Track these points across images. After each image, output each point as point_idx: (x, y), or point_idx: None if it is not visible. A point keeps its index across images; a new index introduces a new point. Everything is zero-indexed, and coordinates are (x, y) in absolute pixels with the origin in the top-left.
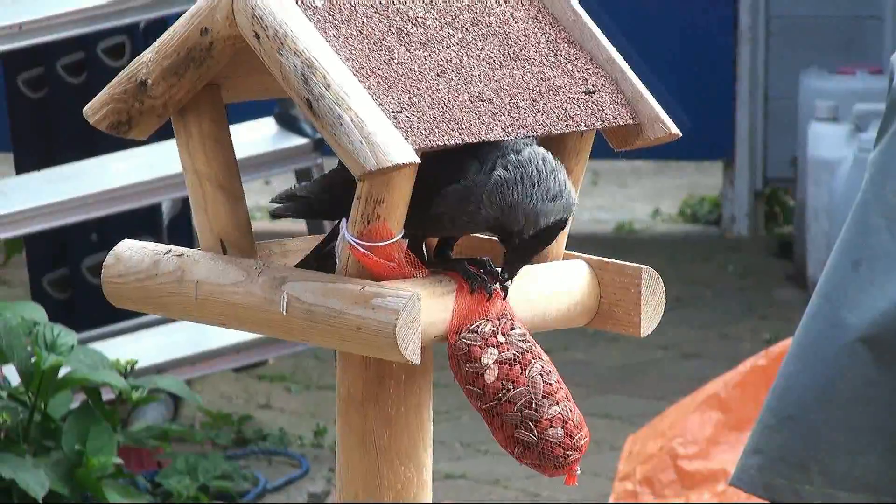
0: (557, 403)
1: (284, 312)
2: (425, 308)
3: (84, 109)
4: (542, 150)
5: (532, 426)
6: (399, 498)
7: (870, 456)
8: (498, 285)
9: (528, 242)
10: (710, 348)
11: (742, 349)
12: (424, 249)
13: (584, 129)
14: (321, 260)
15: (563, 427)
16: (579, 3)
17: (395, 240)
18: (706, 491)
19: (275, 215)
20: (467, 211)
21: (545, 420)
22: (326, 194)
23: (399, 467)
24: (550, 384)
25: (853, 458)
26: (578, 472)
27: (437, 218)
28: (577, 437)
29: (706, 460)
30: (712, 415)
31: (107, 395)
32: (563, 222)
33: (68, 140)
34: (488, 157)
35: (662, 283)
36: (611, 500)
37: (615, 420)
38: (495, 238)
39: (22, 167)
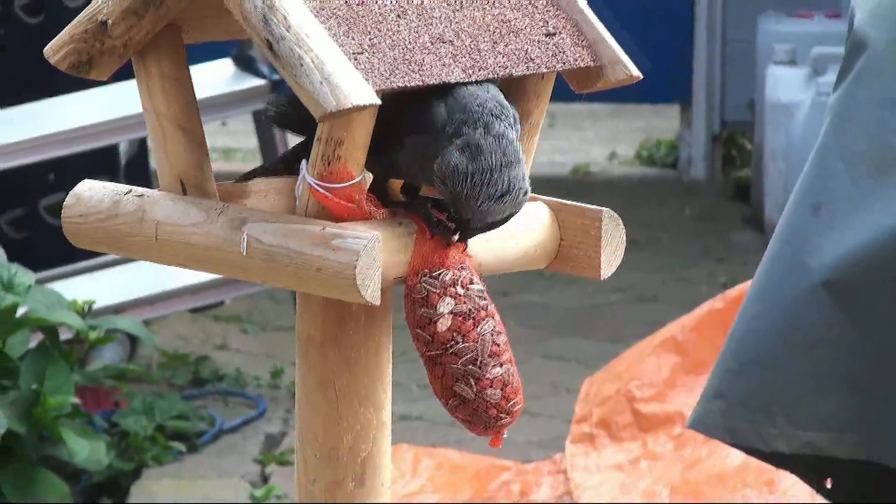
0: (501, 365)
1: (244, 253)
2: (386, 249)
3: (44, 49)
4: (511, 135)
5: (472, 382)
6: (358, 439)
7: (832, 397)
8: (458, 234)
9: (474, 229)
10: (666, 291)
11: (699, 292)
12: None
13: (545, 70)
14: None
15: (501, 389)
16: None
17: (355, 181)
18: (662, 434)
19: (269, 118)
20: (424, 168)
21: (486, 379)
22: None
23: (358, 408)
24: (498, 345)
25: (816, 399)
26: (505, 436)
27: (400, 165)
28: (512, 402)
29: (663, 403)
30: (669, 358)
31: (64, 335)
32: (511, 215)
33: (26, 80)
34: (455, 115)
35: (623, 226)
36: (567, 443)
37: (571, 363)
38: None
39: None
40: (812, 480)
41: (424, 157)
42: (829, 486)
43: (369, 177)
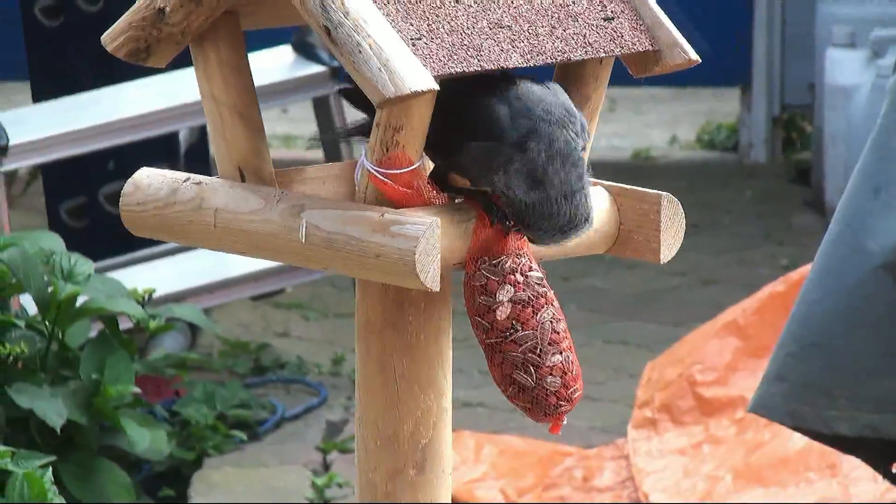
0: (561, 353)
1: (304, 240)
2: (445, 235)
3: (102, 37)
4: (577, 155)
5: (532, 370)
6: (419, 425)
7: (894, 379)
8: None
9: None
10: (728, 274)
11: (760, 275)
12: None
13: (604, 55)
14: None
15: (561, 377)
16: None
17: (414, 167)
18: (725, 418)
19: (343, 91)
20: (488, 175)
21: (546, 367)
22: None
23: (419, 395)
24: (558, 332)
25: (877, 381)
26: (565, 422)
27: (463, 166)
28: (572, 389)
29: (725, 387)
30: (731, 341)
31: (124, 324)
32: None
33: (85, 68)
34: (520, 121)
35: (682, 209)
36: (630, 427)
37: (633, 347)
38: None
39: (39, 96)
40: (878, 465)
41: (488, 163)
42: (895, 470)
43: (428, 163)
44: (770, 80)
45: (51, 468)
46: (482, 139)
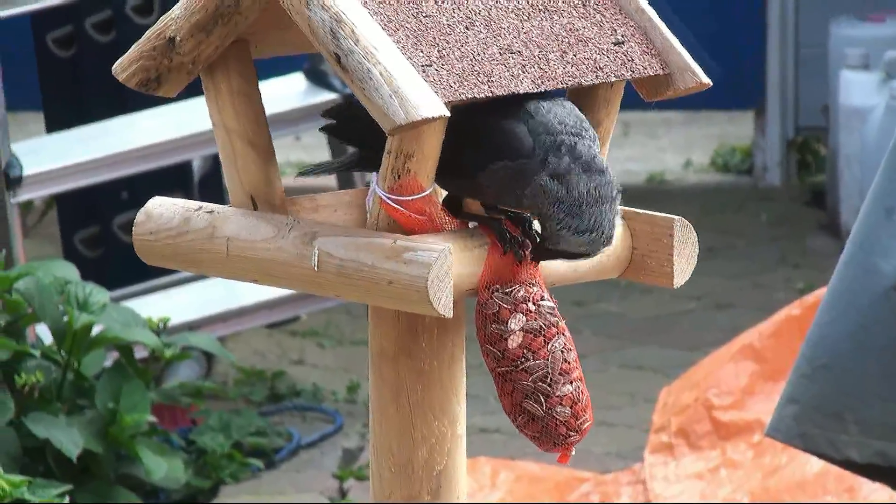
0: (571, 383)
1: (316, 268)
2: (457, 262)
3: (113, 67)
4: (602, 161)
5: (542, 400)
6: (434, 452)
7: None
8: (530, 251)
9: (551, 252)
10: (743, 298)
11: (776, 299)
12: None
13: (615, 79)
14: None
15: (571, 407)
16: None
17: (425, 193)
18: (742, 442)
19: (326, 129)
20: (515, 193)
21: (556, 397)
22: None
23: (433, 421)
24: (568, 362)
25: (887, 405)
26: (573, 452)
27: (482, 189)
28: (581, 419)
29: (741, 411)
30: (747, 365)
31: (139, 353)
32: (587, 256)
33: (98, 98)
34: (540, 137)
35: (695, 234)
36: (646, 452)
37: (649, 371)
38: None
39: (52, 126)
40: None
41: (514, 181)
42: None
43: (440, 190)
44: (784, 103)
45: (67, 497)
46: (507, 159)
